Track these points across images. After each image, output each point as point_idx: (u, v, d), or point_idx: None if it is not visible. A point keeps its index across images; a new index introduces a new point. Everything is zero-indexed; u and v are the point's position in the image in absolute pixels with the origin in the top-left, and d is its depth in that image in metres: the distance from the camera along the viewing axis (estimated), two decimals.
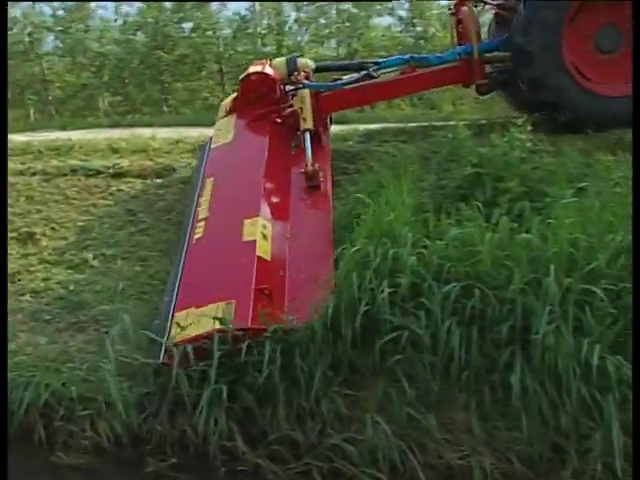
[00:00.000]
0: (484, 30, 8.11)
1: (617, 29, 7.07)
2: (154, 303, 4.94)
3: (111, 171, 7.25)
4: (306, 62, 7.40)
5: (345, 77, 7.38)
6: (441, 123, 7.94)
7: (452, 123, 7.14)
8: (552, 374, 3.75)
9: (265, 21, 16.87)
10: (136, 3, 16.13)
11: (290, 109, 6.68)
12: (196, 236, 5.19)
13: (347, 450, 3.78)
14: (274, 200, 5.62)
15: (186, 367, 4.00)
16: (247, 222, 5.13)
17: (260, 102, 6.84)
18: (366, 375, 3.98)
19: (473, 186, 5.25)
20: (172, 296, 4.68)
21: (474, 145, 5.63)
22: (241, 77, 7.10)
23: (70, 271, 5.55)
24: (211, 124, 7.30)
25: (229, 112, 7.06)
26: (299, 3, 16.92)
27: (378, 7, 16.57)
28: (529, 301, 3.88)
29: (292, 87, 6.96)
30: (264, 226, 5.14)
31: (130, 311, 4.72)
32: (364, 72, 7.23)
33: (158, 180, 7.05)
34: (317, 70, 7.43)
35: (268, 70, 7.02)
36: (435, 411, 3.87)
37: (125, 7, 15.84)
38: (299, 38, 16.99)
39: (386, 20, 16.79)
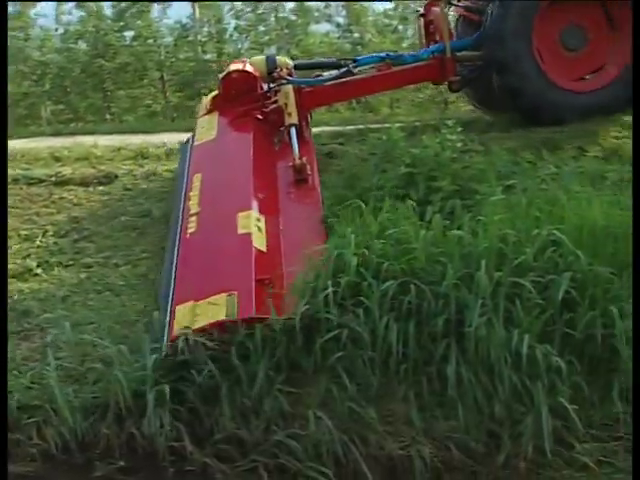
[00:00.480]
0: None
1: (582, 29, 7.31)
2: (98, 309, 4.86)
3: (53, 179, 7.08)
4: (284, 60, 7.39)
5: (325, 74, 7.43)
6: (377, 125, 7.98)
7: (387, 125, 7.20)
8: (485, 364, 3.80)
9: (205, 29, 16.78)
10: (76, 12, 15.90)
11: (274, 105, 6.64)
12: (189, 230, 5.12)
13: (291, 446, 3.77)
14: (264, 194, 5.57)
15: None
16: (241, 215, 5.08)
17: (241, 99, 6.81)
18: (308, 373, 3.97)
19: (408, 185, 5.29)
20: (168, 291, 4.62)
21: (408, 146, 5.68)
22: (222, 75, 7.06)
23: (14, 280, 5.41)
24: (153, 131, 7.24)
25: (210, 110, 6.99)
26: (239, 12, 16.88)
27: (316, 14, 16.65)
28: (462, 295, 3.92)
29: (274, 84, 6.87)
30: (258, 219, 5.10)
31: (73, 318, 4.65)
32: (344, 69, 7.26)
33: (100, 187, 6.92)
34: (296, 68, 7.39)
35: (248, 68, 6.98)
36: (375, 404, 3.88)
37: (66, 16, 15.59)
38: (239, 45, 16.94)
39: (324, 27, 16.86)
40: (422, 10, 8.13)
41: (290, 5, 16.65)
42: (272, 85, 6.91)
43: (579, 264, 4.04)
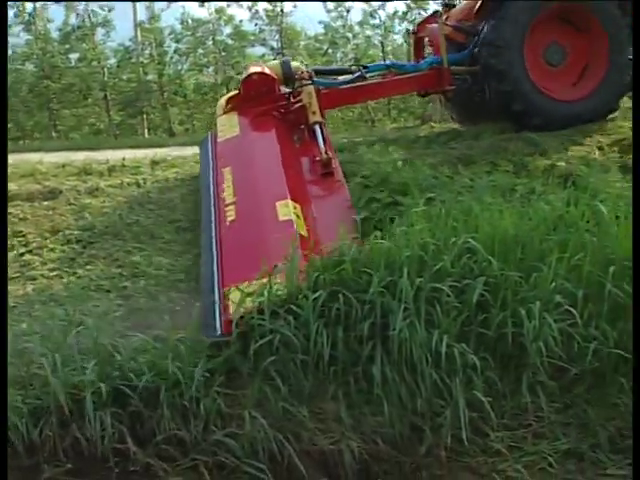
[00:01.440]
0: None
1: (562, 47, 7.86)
2: (43, 320, 4.76)
3: None
4: (298, 65, 7.57)
5: (340, 78, 7.70)
6: None
7: None
8: (408, 363, 3.86)
9: (147, 51, 16.67)
10: (24, 34, 15.63)
11: (299, 104, 6.75)
12: (229, 219, 5.17)
13: (229, 444, 3.74)
14: (295, 185, 5.63)
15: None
16: (279, 204, 5.14)
17: (261, 100, 6.93)
18: (244, 376, 3.97)
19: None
20: (212, 275, 4.63)
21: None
22: (243, 77, 7.16)
23: None
24: (97, 148, 7.14)
25: (230, 110, 7.09)
26: (179, 35, 16.82)
27: (252, 38, 16.70)
28: (387, 301, 3.97)
29: (297, 85, 6.99)
30: (295, 207, 5.15)
31: (19, 328, 4.54)
32: (357, 74, 7.55)
33: (45, 202, 6.79)
34: (315, 72, 7.48)
35: (267, 70, 7.13)
36: (307, 403, 3.89)
37: (13, 38, 15.31)
38: (179, 67, 16.89)
39: (259, 50, 16.93)
40: (413, 28, 8.76)
41: (227, 30, 16.68)
42: (296, 85, 7.01)
43: (492, 269, 4.14)
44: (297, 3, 16.27)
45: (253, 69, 7.26)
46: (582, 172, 6.26)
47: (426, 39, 8.74)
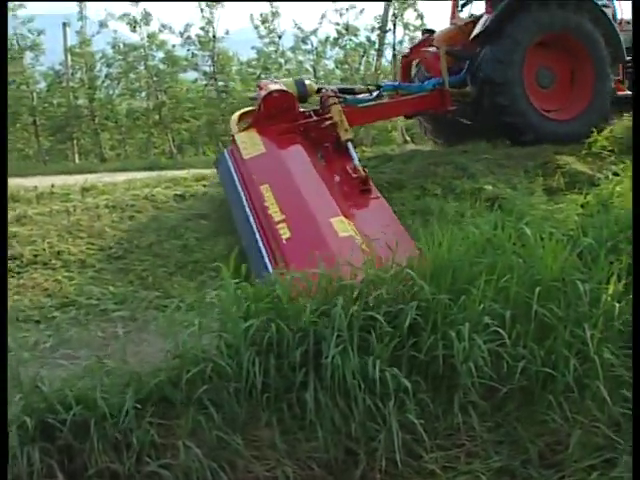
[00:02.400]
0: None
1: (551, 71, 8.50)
2: None
3: None
4: (310, 84, 7.76)
5: (359, 96, 7.88)
6: None
7: None
8: (341, 389, 3.87)
9: (78, 75, 16.45)
10: None
11: (328, 121, 6.89)
12: (284, 237, 5.12)
13: (164, 475, 3.67)
14: (340, 202, 5.70)
15: None
16: (334, 220, 5.18)
17: (281, 117, 6.98)
18: (177, 405, 3.90)
19: None
20: None
21: None
22: (263, 94, 7.14)
23: None
24: (26, 174, 6.99)
25: (248, 127, 7.14)
26: (110, 59, 16.64)
27: (184, 63, 16.66)
28: (320, 329, 3.99)
29: (323, 103, 7.16)
30: (348, 223, 5.17)
31: None
32: (376, 93, 7.88)
33: None
34: (318, 91, 7.67)
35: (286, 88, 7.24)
36: (242, 431, 3.86)
37: None
38: (111, 91, 16.70)
39: (192, 75, 16.90)
40: (406, 52, 9.29)
41: (159, 55, 16.59)
42: (329, 103, 7.09)
43: (424, 294, 4.20)
44: (230, 29, 16.34)
45: (273, 87, 7.32)
46: (508, 195, 6.45)
47: (414, 62, 9.25)
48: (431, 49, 8.83)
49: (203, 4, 15.76)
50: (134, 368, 4.00)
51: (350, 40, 15.20)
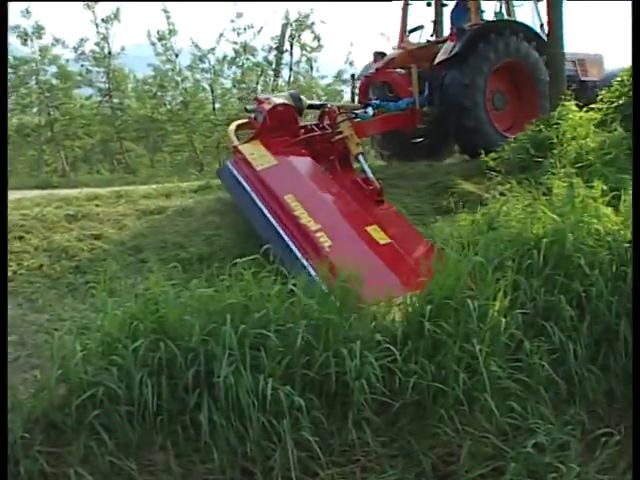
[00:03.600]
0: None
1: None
2: None
3: None
4: (303, 98, 8.14)
5: (359, 111, 8.34)
6: (133, 187, 7.96)
7: (145, 187, 7.25)
8: (236, 408, 3.89)
9: None
10: None
11: (338, 136, 7.25)
12: (326, 244, 5.35)
13: None
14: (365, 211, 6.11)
15: None
16: (369, 229, 5.60)
17: (283, 130, 7.34)
18: (68, 432, 3.83)
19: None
20: None
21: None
22: (268, 108, 7.46)
23: None
24: None
25: (251, 138, 7.42)
26: None
27: (79, 78, 16.30)
28: (211, 348, 3.99)
29: (331, 118, 7.50)
30: (382, 231, 5.58)
31: None
32: (369, 109, 8.38)
33: None
34: (309, 107, 8.23)
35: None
36: (136, 456, 3.82)
37: None
38: None
39: (86, 91, 16.54)
40: (369, 73, 9.65)
41: (52, 69, 16.19)
42: (335, 118, 7.47)
43: (313, 312, 4.28)
44: (125, 45, 16.11)
45: (278, 100, 7.65)
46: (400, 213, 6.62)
47: (371, 84, 9.66)
48: (399, 70, 9.48)
49: (98, 19, 15.48)
50: (22, 395, 3.89)
51: (247, 59, 15.27)
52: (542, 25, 9.71)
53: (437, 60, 9.10)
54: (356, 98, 9.51)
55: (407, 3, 10.06)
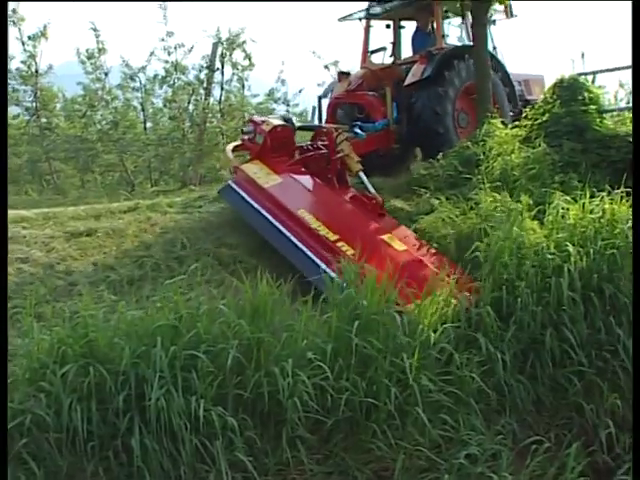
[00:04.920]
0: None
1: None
2: None
3: None
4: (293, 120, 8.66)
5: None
6: (61, 209, 7.84)
7: (73, 208, 7.19)
8: (168, 431, 3.89)
9: None
10: None
11: (341, 154, 7.64)
12: (348, 253, 5.61)
13: None
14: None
15: None
16: (385, 237, 6.07)
17: (281, 150, 7.69)
18: None
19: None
20: None
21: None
22: (267, 129, 7.76)
23: None
24: None
25: (251, 158, 7.77)
26: None
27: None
28: (141, 370, 3.98)
29: (340, 138, 7.79)
30: (396, 239, 6.03)
31: None
32: (358, 131, 8.63)
33: None
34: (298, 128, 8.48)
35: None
36: None
37: None
38: None
39: (14, 110, 16.12)
40: (338, 94, 9.85)
41: None
42: (339, 140, 7.78)
43: (243, 332, 4.30)
44: (56, 63, 15.80)
45: (276, 122, 8.01)
46: None
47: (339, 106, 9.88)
48: (371, 93, 9.71)
49: (25, 37, 15.16)
50: None
51: (179, 78, 15.18)
52: (495, 47, 10.14)
53: (407, 82, 9.34)
54: (323, 119, 9.81)
55: (369, 25, 10.31)
